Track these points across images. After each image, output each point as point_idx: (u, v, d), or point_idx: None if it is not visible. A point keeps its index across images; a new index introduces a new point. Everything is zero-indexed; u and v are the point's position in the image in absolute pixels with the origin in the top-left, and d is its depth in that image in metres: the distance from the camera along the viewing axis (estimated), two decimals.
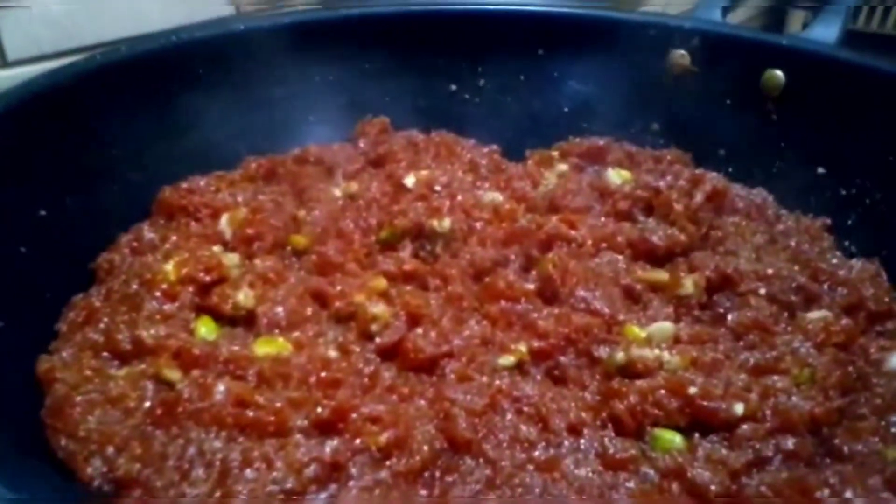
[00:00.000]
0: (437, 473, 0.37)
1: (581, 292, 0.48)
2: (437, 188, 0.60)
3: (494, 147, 0.71)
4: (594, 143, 0.68)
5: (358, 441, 0.37)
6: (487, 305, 0.48)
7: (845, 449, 0.38)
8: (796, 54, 0.64)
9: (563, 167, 0.67)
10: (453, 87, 0.75)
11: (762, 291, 0.49)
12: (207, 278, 0.46)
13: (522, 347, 0.44)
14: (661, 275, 0.51)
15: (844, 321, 0.47)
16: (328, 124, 0.69)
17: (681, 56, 0.69)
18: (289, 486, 0.34)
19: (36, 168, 0.49)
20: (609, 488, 0.36)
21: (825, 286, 0.51)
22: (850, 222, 0.59)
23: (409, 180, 0.60)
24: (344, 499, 0.34)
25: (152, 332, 0.42)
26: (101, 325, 0.44)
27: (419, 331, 0.45)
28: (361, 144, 0.67)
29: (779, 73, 0.64)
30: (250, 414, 0.37)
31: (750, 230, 0.58)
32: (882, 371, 0.43)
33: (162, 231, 0.51)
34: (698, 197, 0.59)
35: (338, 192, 0.60)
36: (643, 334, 0.46)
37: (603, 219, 0.58)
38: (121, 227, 0.52)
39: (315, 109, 0.69)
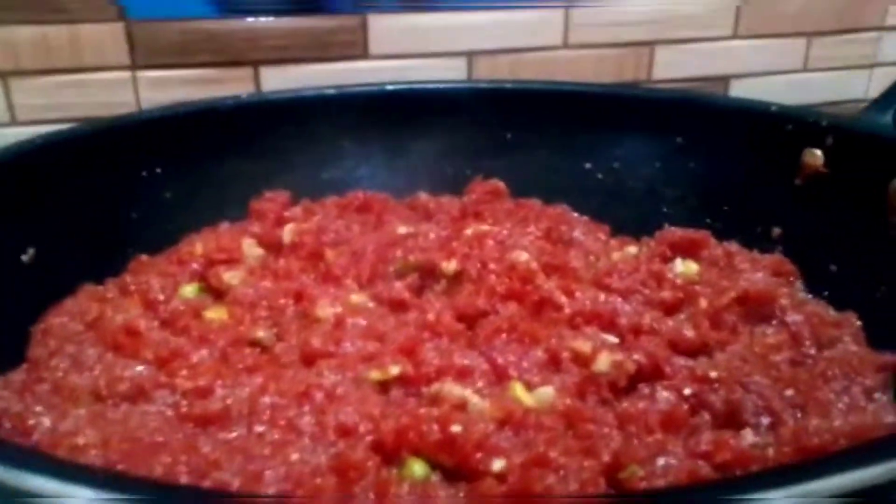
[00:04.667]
0: None
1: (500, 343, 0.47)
2: (490, 241, 0.62)
3: (605, 227, 0.69)
4: (690, 235, 0.63)
5: None
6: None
7: None
8: None
9: (633, 249, 0.63)
10: (588, 166, 0.75)
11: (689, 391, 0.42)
12: (222, 256, 0.57)
13: (396, 370, 0.45)
14: (583, 345, 0.46)
15: None
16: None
17: (814, 155, 0.61)
18: None
19: None
20: None
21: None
22: None
23: (468, 231, 0.64)
24: None
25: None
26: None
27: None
28: (465, 199, 0.72)
29: None
30: None
31: (776, 346, 0.48)
32: None
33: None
34: (725, 298, 0.51)
35: (402, 231, 0.66)
36: (524, 395, 0.43)
37: (612, 297, 0.54)
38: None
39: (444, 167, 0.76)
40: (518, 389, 0.44)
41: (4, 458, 0.27)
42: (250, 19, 0.87)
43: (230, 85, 0.87)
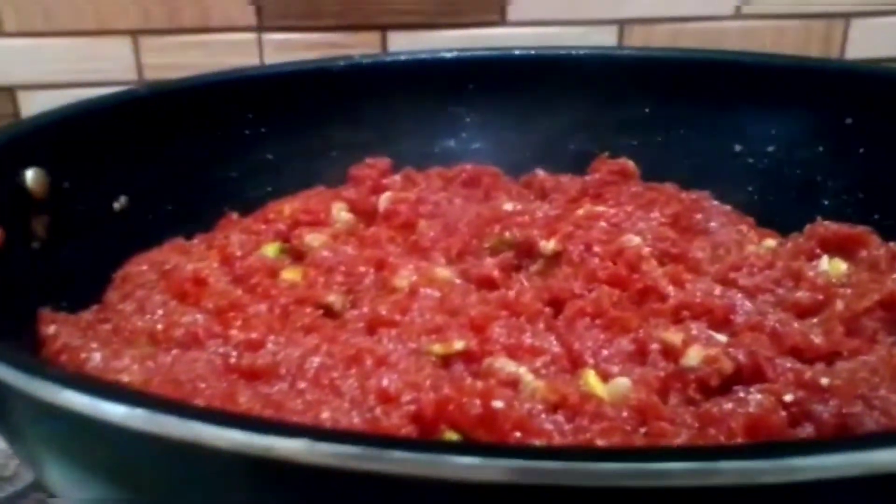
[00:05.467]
0: None
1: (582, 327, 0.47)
2: (601, 223, 0.61)
3: (749, 219, 0.66)
4: (847, 230, 0.59)
5: None
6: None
7: None
8: None
9: (771, 243, 0.60)
10: (738, 148, 0.72)
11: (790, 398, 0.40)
12: (308, 218, 0.61)
13: (460, 345, 0.46)
14: (674, 337, 0.45)
15: None
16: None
17: None
18: None
19: None
20: None
21: None
22: None
23: (580, 211, 0.64)
24: None
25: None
26: None
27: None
28: (587, 178, 0.72)
29: None
30: None
31: None
32: None
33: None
34: (866, 301, 0.48)
35: (508, 207, 0.66)
36: (596, 384, 0.43)
37: (731, 292, 0.52)
38: None
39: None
40: (591, 377, 0.43)
41: (44, 375, 0.31)
42: None
43: (356, 50, 0.91)
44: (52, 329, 0.47)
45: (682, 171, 0.71)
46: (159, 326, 0.46)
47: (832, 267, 0.55)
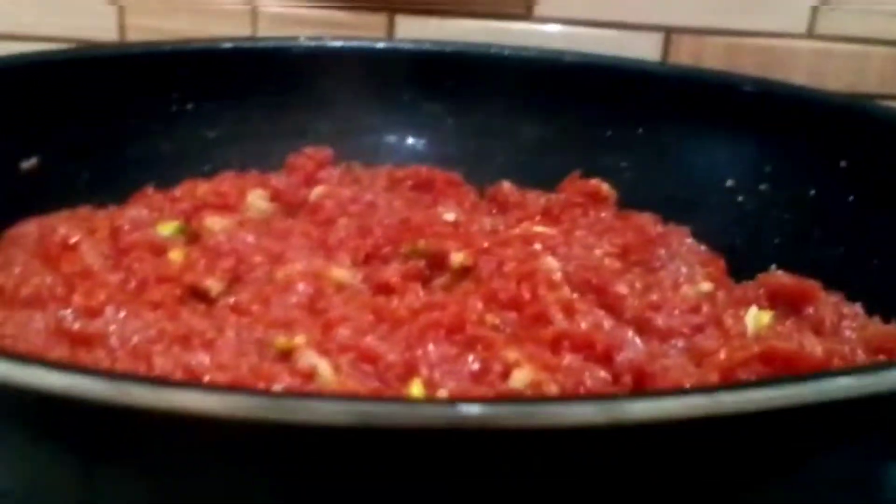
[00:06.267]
0: None
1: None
2: (536, 244, 0.69)
3: (720, 262, 0.73)
4: (797, 285, 0.65)
5: None
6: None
7: None
8: None
9: (707, 286, 0.66)
10: (729, 183, 0.78)
11: None
12: (216, 201, 0.71)
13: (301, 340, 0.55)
14: (509, 355, 0.52)
15: None
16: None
17: None
18: None
19: None
20: None
21: None
22: None
23: (517, 229, 0.72)
24: None
25: None
26: None
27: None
28: (556, 196, 0.79)
29: None
30: None
31: None
32: None
33: None
34: (744, 353, 0.55)
35: (448, 217, 0.75)
36: (418, 394, 0.51)
37: (622, 328, 0.59)
38: None
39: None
40: (415, 387, 0.51)
41: None
42: None
43: (359, 32, 1.02)
44: None
45: (669, 202, 0.78)
46: (9, 283, 0.57)
47: (756, 318, 0.61)
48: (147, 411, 0.34)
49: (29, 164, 0.72)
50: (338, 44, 0.85)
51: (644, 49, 1.02)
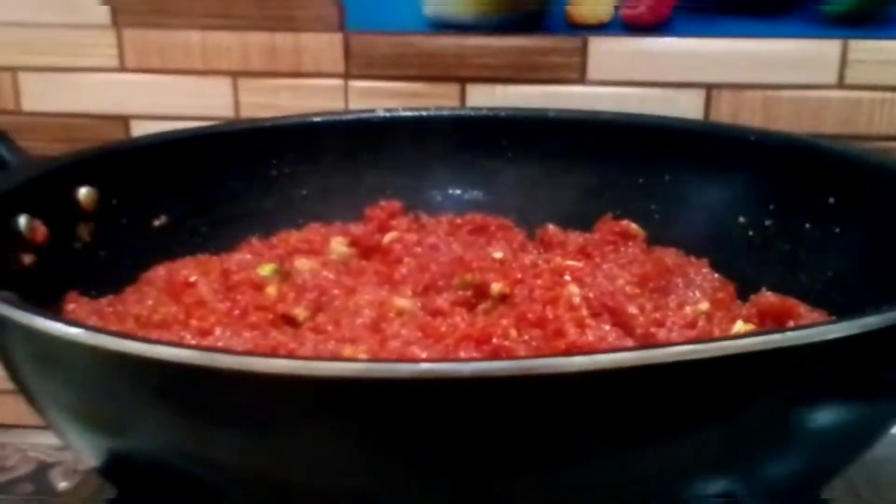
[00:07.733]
0: None
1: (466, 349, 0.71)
2: (566, 275, 0.84)
3: (730, 288, 0.86)
4: (780, 302, 0.78)
5: None
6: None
7: None
8: None
9: (705, 305, 0.79)
10: (741, 220, 0.91)
11: None
12: (304, 246, 0.88)
13: (361, 349, 0.72)
14: None
15: None
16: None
17: None
18: None
19: None
20: None
21: None
22: None
23: (551, 263, 0.86)
24: None
25: None
26: None
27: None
28: (591, 235, 0.94)
29: None
30: None
31: None
32: None
33: None
34: None
35: (497, 255, 0.90)
36: None
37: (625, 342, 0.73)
38: None
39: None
40: None
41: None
42: (461, 37, 1.18)
43: (435, 100, 1.19)
44: (71, 307, 0.77)
45: (691, 237, 0.92)
46: (144, 312, 0.75)
47: (739, 329, 0.74)
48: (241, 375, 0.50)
49: (159, 221, 0.91)
50: (409, 113, 1.02)
51: (687, 104, 1.15)
